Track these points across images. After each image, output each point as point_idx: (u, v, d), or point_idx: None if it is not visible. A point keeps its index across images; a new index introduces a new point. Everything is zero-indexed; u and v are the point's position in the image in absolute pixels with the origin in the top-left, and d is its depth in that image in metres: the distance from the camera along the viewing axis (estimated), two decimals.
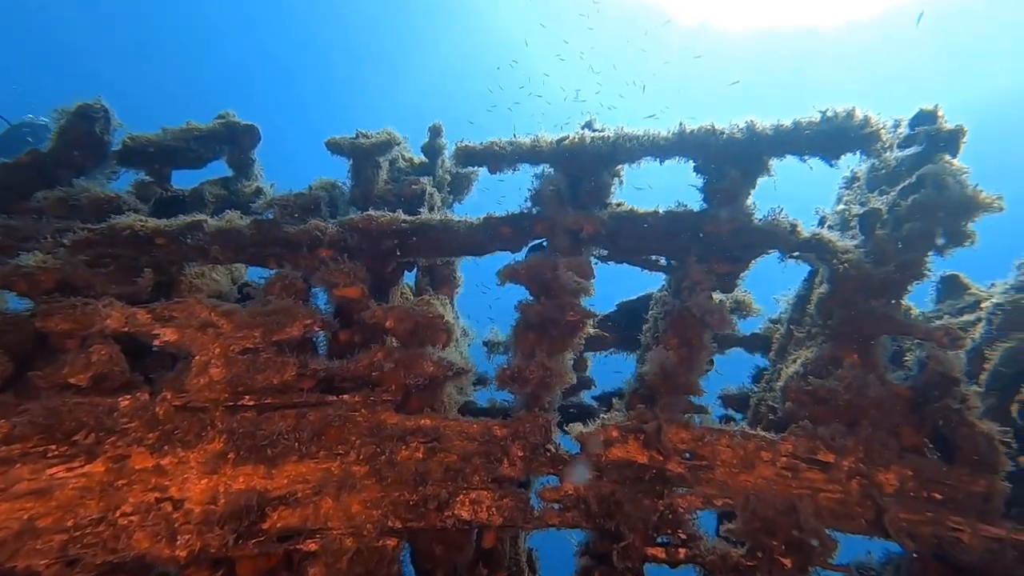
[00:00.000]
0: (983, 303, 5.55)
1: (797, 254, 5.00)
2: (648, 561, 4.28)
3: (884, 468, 4.30)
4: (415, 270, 6.20)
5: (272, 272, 5.09)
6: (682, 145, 4.79)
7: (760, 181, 4.91)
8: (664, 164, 4.94)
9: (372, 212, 5.08)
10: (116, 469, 3.93)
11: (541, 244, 5.24)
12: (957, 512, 4.09)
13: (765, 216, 4.84)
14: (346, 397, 4.54)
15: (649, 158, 4.90)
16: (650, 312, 5.68)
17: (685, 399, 4.63)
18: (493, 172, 5.21)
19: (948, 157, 4.72)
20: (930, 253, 4.62)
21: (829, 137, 4.56)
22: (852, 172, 6.14)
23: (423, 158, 6.98)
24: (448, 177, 7.19)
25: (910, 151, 5.05)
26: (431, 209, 6.22)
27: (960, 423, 4.23)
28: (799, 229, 4.83)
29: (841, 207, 5.98)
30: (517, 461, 4.42)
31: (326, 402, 4.51)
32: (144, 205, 5.68)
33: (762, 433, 4.56)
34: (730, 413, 6.45)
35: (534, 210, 5.11)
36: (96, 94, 5.92)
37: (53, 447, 3.92)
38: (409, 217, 5.12)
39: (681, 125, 4.79)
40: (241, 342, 4.52)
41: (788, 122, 4.64)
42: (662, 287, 5.76)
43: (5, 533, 3.63)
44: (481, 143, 5.10)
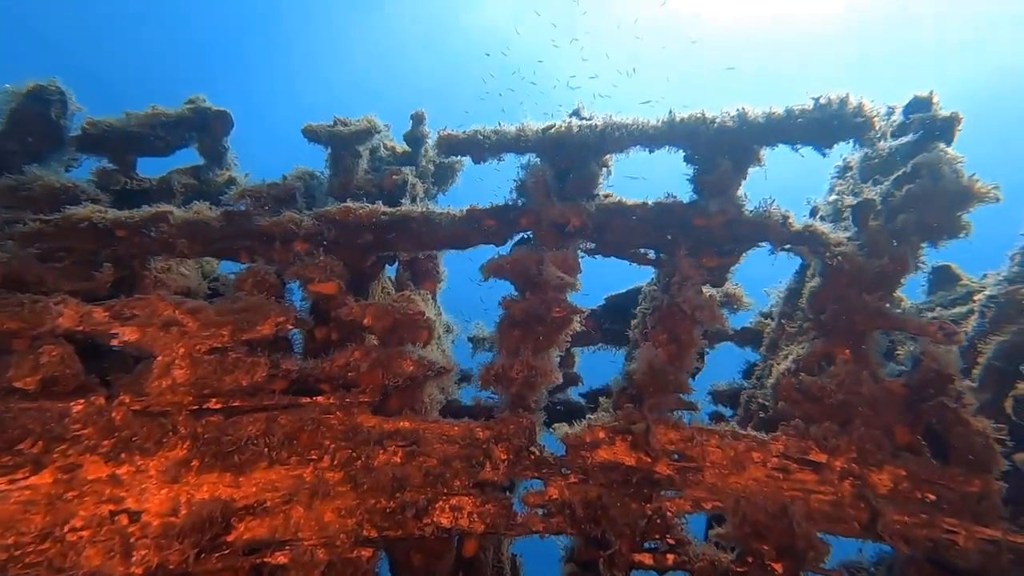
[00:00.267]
0: (976, 295, 5.45)
1: (789, 247, 4.86)
2: (635, 568, 4.14)
3: (877, 468, 4.18)
4: (396, 264, 5.97)
5: (244, 267, 4.83)
6: (672, 134, 4.63)
7: (751, 171, 4.75)
8: (655, 153, 4.77)
9: (351, 203, 4.85)
10: (66, 480, 3.67)
11: (528, 238, 5.05)
12: (952, 514, 3.98)
13: (756, 207, 4.70)
14: (320, 399, 4.32)
15: (639, 147, 4.73)
16: (638, 307, 5.51)
17: (675, 397, 4.47)
18: (477, 162, 5.03)
19: (943, 146, 4.58)
20: (924, 244, 4.51)
21: (822, 125, 4.42)
22: (844, 161, 6.01)
23: (406, 147, 6.74)
24: (431, 167, 6.95)
25: (904, 139, 4.91)
26: (413, 200, 5.98)
27: (955, 421, 4.12)
28: (791, 221, 4.69)
29: (834, 197, 5.85)
30: (500, 465, 4.24)
31: (299, 404, 4.28)
32: (105, 195, 5.36)
33: (753, 433, 4.42)
34: (719, 409, 6.33)
35: (519, 202, 4.91)
36: (53, 75, 5.57)
37: None
38: (389, 209, 4.90)
39: (671, 113, 4.63)
40: (208, 341, 4.27)
41: (780, 110, 4.50)
42: (651, 280, 5.59)
43: None
44: (464, 131, 4.89)
